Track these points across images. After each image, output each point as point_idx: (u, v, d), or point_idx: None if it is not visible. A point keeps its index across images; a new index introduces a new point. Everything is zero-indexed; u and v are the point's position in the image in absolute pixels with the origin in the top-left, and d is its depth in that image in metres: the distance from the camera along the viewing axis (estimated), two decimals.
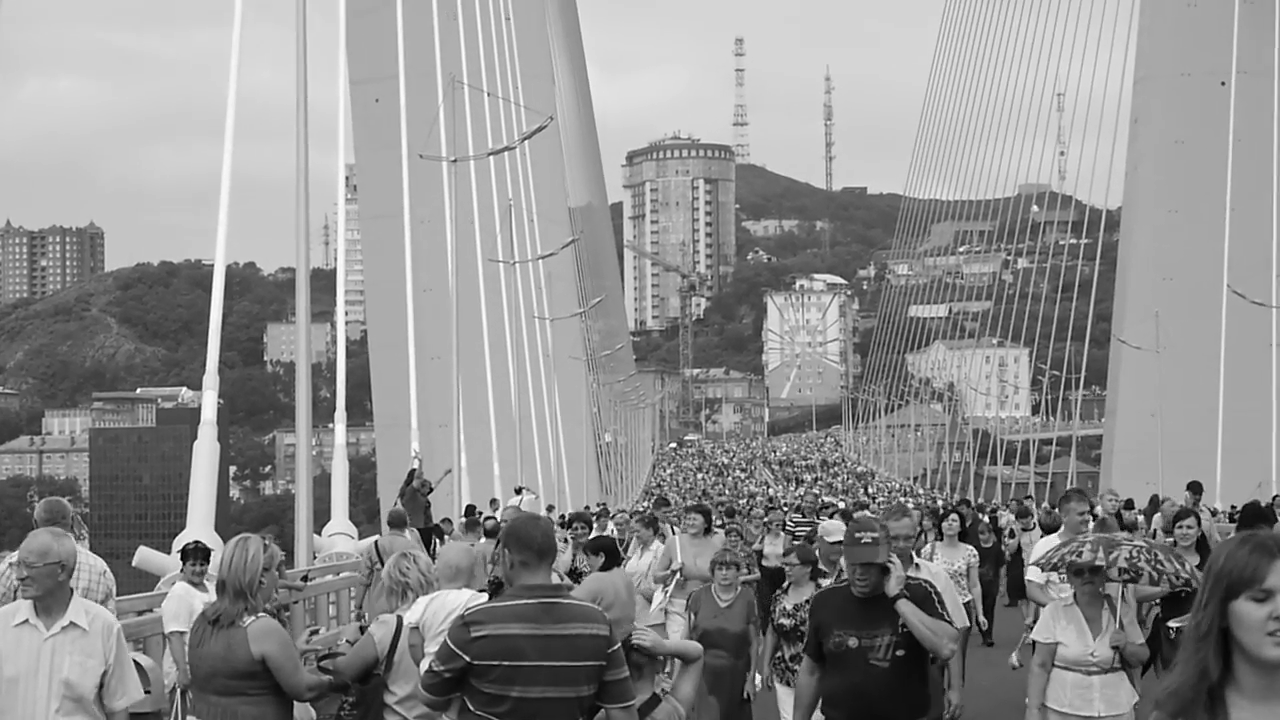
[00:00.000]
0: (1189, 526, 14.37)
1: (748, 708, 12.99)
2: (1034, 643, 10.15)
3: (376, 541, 19.44)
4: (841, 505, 40.81)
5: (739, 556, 13.68)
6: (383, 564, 11.89)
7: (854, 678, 8.40)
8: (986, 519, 32.16)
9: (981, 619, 20.86)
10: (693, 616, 13.24)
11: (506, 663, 6.71)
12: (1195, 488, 24.97)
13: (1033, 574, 12.07)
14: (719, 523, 20.92)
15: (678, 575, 15.96)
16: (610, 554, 13.26)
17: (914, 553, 11.24)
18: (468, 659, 6.74)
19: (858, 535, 8.46)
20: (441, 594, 8.76)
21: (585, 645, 6.80)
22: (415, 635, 8.45)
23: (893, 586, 8.39)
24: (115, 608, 10.41)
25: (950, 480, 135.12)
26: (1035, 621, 18.55)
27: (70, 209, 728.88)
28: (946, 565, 16.36)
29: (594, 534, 19.98)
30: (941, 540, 17.65)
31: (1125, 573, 9.87)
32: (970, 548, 17.99)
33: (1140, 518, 26.27)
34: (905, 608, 8.33)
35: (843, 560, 8.62)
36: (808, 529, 22.42)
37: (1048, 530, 18.51)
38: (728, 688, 12.68)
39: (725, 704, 12.65)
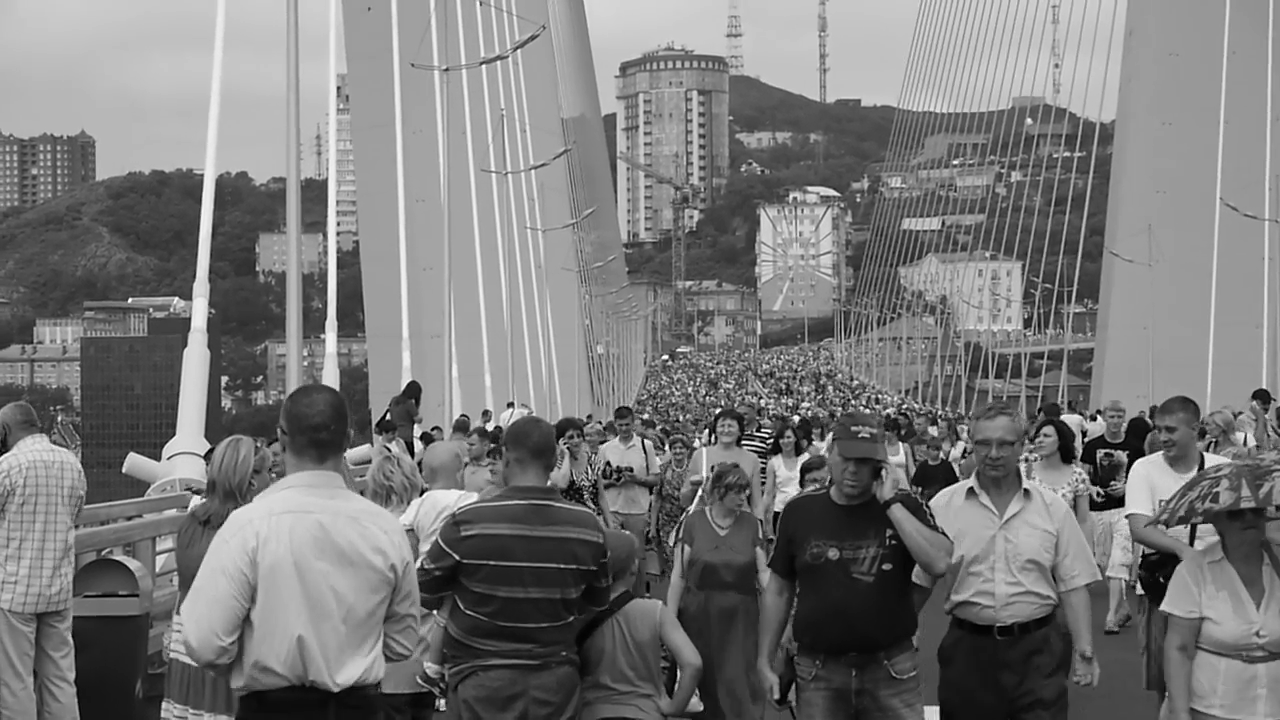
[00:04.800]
0: None
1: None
2: (1166, 616, 7.21)
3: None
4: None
5: (745, 478, 11.11)
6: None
7: (833, 594, 7.19)
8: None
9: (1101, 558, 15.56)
10: (685, 549, 10.51)
11: (494, 562, 6.79)
12: (1263, 396, 22.25)
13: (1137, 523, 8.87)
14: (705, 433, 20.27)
15: (699, 493, 13.09)
16: None
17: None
18: (457, 557, 6.82)
19: (854, 429, 7.29)
20: (432, 494, 8.88)
21: (575, 549, 6.89)
22: (411, 537, 8.54)
23: (887, 490, 7.21)
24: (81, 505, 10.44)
25: (941, 393, 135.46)
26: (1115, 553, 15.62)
27: (63, 118, 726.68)
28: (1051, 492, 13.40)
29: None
30: (1038, 461, 13.28)
31: None
32: (1079, 470, 13.32)
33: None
34: (899, 513, 7.14)
35: (832, 456, 7.34)
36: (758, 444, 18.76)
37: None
38: (744, 629, 10.28)
39: (748, 649, 10.05)
